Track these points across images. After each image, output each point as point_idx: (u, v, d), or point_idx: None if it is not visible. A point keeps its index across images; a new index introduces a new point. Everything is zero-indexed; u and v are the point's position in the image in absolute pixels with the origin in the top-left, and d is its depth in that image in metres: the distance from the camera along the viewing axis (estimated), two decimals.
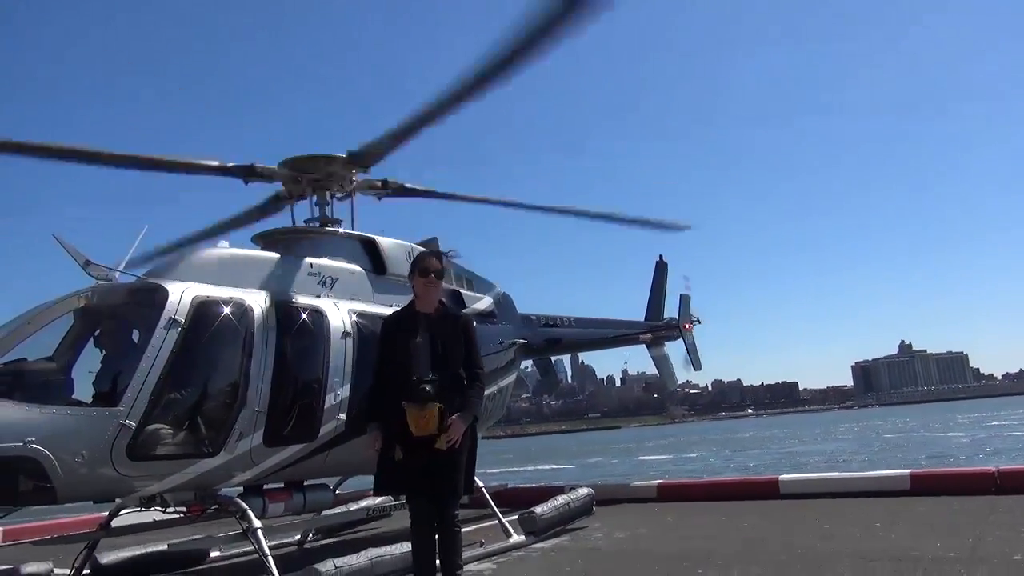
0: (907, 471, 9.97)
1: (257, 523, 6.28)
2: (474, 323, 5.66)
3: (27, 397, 5.56)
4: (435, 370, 5.02)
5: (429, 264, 5.31)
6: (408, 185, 9.28)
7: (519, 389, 11.90)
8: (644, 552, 7.02)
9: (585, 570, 6.48)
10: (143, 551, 7.74)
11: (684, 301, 15.51)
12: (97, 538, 7.31)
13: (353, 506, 9.18)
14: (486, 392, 6.64)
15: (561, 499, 8.59)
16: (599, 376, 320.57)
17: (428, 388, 4.93)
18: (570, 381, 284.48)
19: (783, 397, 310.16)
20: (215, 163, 7.92)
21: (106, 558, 7.47)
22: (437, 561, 5.07)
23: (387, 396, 5.07)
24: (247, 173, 8.10)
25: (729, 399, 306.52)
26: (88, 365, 6.31)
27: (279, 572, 5.91)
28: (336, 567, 5.90)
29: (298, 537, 9.30)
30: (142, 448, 5.86)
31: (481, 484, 7.50)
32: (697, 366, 15.20)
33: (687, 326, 15.09)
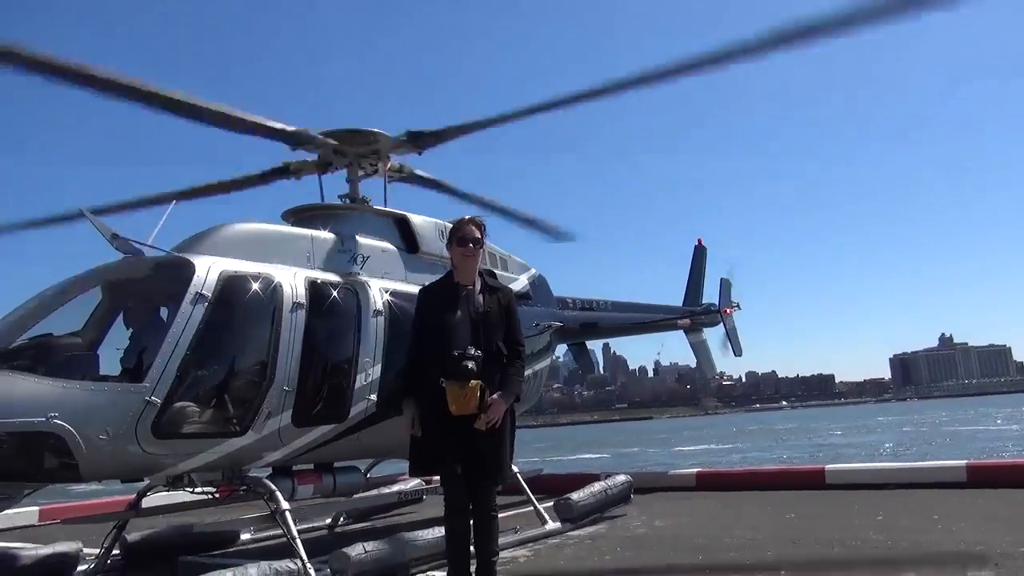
0: (963, 462, 9.51)
1: (285, 505, 6.09)
2: (515, 296, 5.37)
3: (50, 372, 5.40)
4: (475, 345, 4.72)
5: (468, 232, 4.97)
6: (419, 173, 9.03)
7: (551, 379, 11.56)
8: (687, 541, 6.70)
9: (626, 558, 6.19)
10: (172, 532, 7.62)
11: (725, 285, 15.04)
12: (126, 518, 7.18)
13: (385, 490, 8.97)
14: None
15: (598, 486, 8.30)
16: (631, 367, 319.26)
17: (470, 364, 4.61)
18: (602, 371, 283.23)
19: (818, 390, 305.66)
20: (268, 123, 7.50)
21: (135, 538, 7.36)
22: (472, 547, 4.80)
23: (424, 372, 4.79)
24: (299, 139, 7.86)
25: (763, 391, 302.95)
26: (113, 340, 6.15)
27: (307, 555, 5.71)
28: (366, 551, 5.69)
29: (328, 521, 9.17)
30: (168, 426, 5.68)
31: (516, 469, 7.24)
32: (738, 351, 14.73)
33: (728, 311, 14.61)
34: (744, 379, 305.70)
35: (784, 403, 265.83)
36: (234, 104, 7.19)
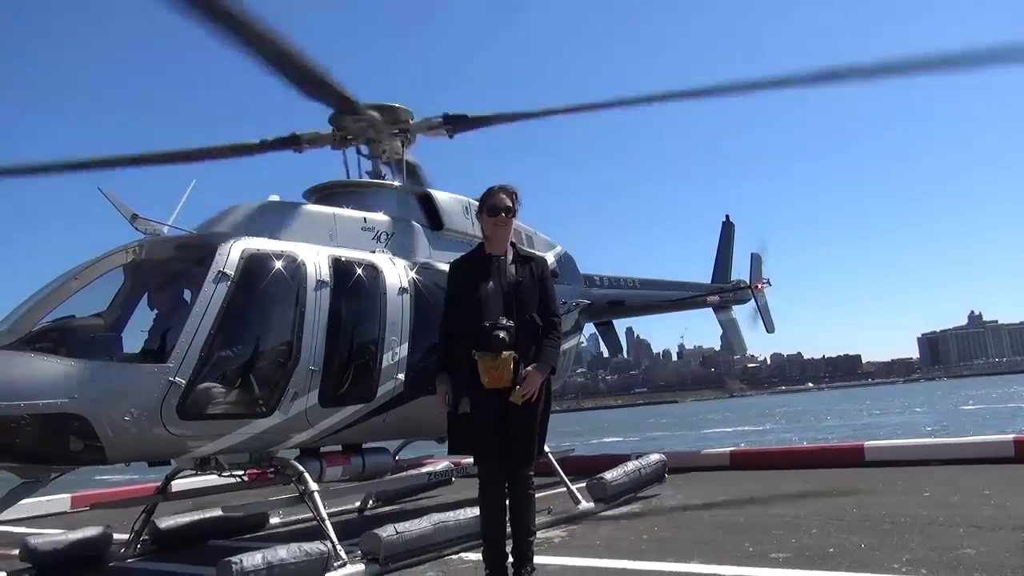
0: (1010, 436, 9.20)
1: (314, 486, 5.97)
2: (549, 266, 5.16)
3: (73, 353, 5.32)
4: (507, 316, 4.51)
5: (499, 201, 4.74)
6: (472, 115, 8.60)
7: (574, 363, 11.35)
8: (728, 520, 6.49)
9: (664, 537, 5.99)
10: (202, 516, 7.55)
11: (756, 260, 14.73)
12: (154, 503, 7.14)
13: (413, 472, 8.86)
14: None
15: (631, 465, 8.11)
16: (655, 350, 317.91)
17: (501, 334, 4.41)
18: (626, 355, 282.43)
19: (845, 370, 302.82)
20: (256, 141, 7.61)
21: (165, 523, 7.31)
22: (507, 527, 4.62)
23: (456, 345, 4.61)
24: (295, 144, 7.81)
25: (789, 373, 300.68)
26: (136, 321, 6.06)
27: (337, 537, 5.59)
28: (397, 532, 5.55)
29: (358, 504, 9.08)
30: (193, 407, 5.57)
31: (548, 448, 7.06)
32: (770, 328, 14.39)
33: (759, 286, 14.28)
34: (769, 361, 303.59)
35: (810, 384, 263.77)
36: None
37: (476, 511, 5.37)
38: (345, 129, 8.05)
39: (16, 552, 6.52)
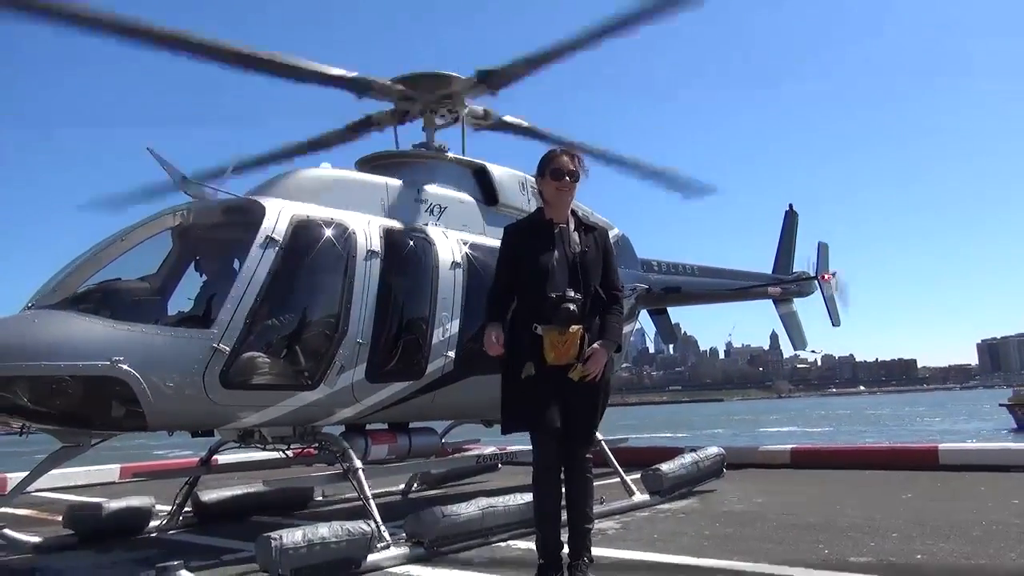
0: None
1: (358, 464, 5.73)
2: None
3: (116, 315, 5.15)
4: (573, 288, 4.16)
5: (562, 164, 4.37)
6: (507, 119, 8.42)
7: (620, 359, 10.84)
8: (795, 520, 6.04)
9: (726, 535, 5.58)
10: (245, 491, 7.40)
11: (823, 250, 14.02)
12: (197, 475, 7.03)
13: (460, 455, 8.60)
14: None
15: (689, 457, 7.68)
16: (702, 347, 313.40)
17: (571, 307, 4.06)
18: (672, 352, 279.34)
19: (899, 374, 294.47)
20: (329, 71, 7.07)
21: (207, 496, 7.18)
22: (563, 514, 4.28)
23: (513, 318, 4.27)
24: (362, 87, 7.41)
25: (840, 375, 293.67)
26: (181, 285, 5.92)
27: (381, 518, 5.33)
28: (444, 515, 5.26)
29: (402, 487, 8.85)
30: (236, 375, 5.37)
31: (601, 437, 6.70)
32: (836, 322, 13.66)
33: (825, 277, 13.57)
34: (820, 362, 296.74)
35: (862, 387, 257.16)
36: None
37: (526, 497, 5.06)
38: (382, 108, 7.80)
39: (60, 518, 6.46)
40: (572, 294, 4.10)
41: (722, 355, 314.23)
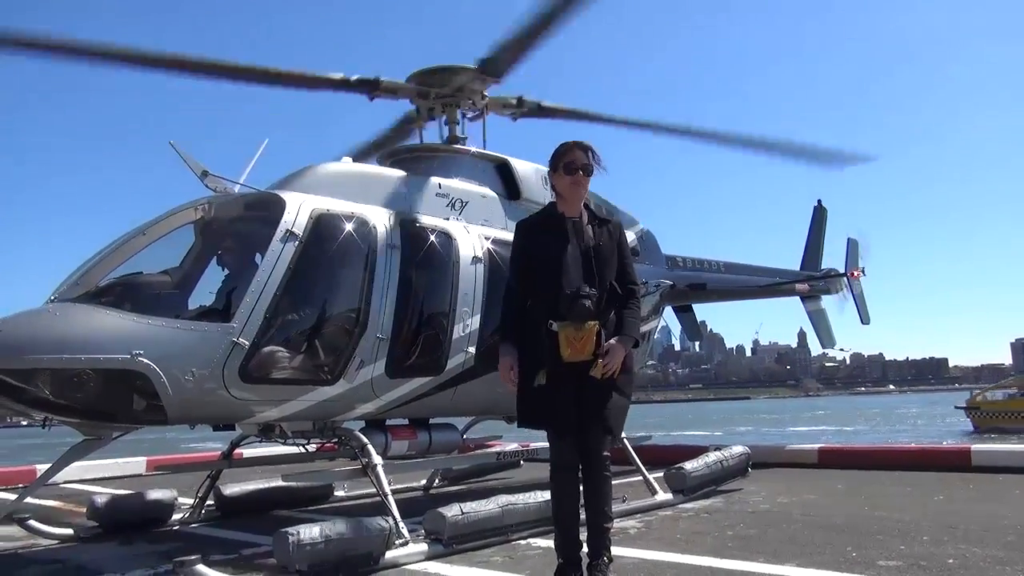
0: None
1: (378, 459, 5.69)
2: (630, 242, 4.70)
3: (136, 309, 5.16)
4: (588, 283, 4.07)
5: (576, 158, 4.28)
6: (546, 104, 8.35)
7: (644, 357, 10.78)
8: (821, 521, 5.91)
9: (751, 535, 5.47)
10: (266, 485, 7.42)
11: (852, 246, 13.74)
12: (219, 468, 7.07)
13: (481, 451, 8.54)
14: None
15: (713, 456, 7.56)
16: (728, 345, 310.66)
17: (587, 303, 3.98)
18: (698, 349, 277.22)
19: (930, 373, 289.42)
20: (338, 76, 7.26)
21: (229, 490, 7.21)
22: (581, 513, 4.20)
23: (526, 314, 4.19)
24: (372, 88, 7.42)
25: (869, 374, 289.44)
26: (201, 279, 5.91)
27: (401, 515, 5.29)
28: (463, 512, 5.21)
29: (423, 483, 8.83)
30: (256, 369, 5.36)
31: (623, 435, 6.60)
32: (865, 319, 13.40)
33: (855, 274, 13.30)
34: (848, 360, 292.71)
35: (891, 387, 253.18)
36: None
37: (547, 495, 4.97)
38: (425, 84, 7.73)
39: (85, 510, 6.52)
40: (587, 289, 4.02)
41: (749, 353, 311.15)
